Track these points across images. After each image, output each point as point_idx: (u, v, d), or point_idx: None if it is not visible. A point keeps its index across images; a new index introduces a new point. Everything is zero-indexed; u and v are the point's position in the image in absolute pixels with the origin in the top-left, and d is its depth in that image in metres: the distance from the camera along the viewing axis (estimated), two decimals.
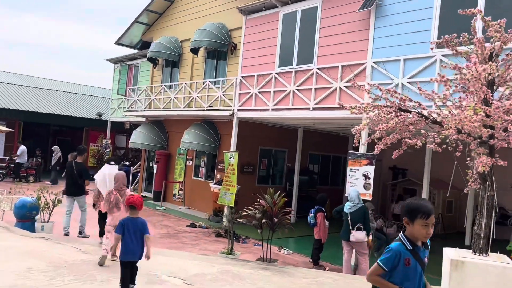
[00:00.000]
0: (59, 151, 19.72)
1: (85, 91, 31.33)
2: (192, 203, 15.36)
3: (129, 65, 21.57)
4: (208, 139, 14.27)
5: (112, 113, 22.85)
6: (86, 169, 9.10)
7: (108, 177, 7.49)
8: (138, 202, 5.28)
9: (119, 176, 6.73)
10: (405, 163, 16.44)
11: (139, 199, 5.33)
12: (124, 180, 6.75)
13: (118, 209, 6.58)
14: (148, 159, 18.41)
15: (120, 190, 6.64)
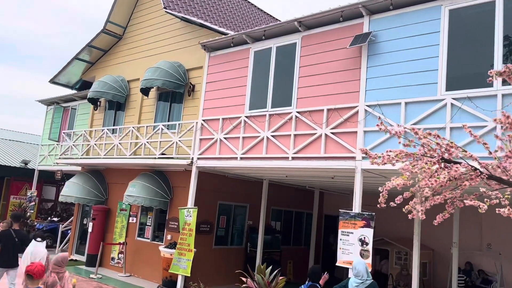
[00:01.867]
0: None
1: (9, 136, 27.82)
2: (135, 269, 12.85)
3: (64, 107, 19.10)
4: (158, 193, 12.15)
5: (40, 160, 19.87)
6: (28, 237, 8.16)
7: (31, 256, 7.07)
8: (37, 271, 4.73)
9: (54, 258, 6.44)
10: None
11: (39, 267, 4.80)
12: (62, 261, 6.40)
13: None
14: (82, 215, 15.68)
15: (58, 273, 6.24)
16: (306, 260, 15.15)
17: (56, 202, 24.66)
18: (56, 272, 6.22)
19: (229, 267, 12.79)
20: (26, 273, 4.76)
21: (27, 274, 4.77)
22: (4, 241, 8.02)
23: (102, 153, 13.60)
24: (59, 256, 6.42)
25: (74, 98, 18.19)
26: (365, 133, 7.76)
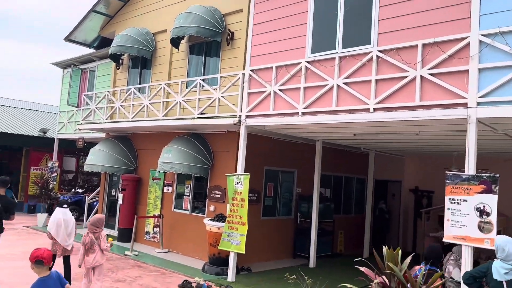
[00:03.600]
0: None
1: (25, 106, 26.48)
2: (174, 244, 11.50)
3: (82, 70, 17.48)
4: (197, 158, 10.60)
5: (60, 128, 18.48)
6: (14, 203, 7.99)
7: (64, 223, 7.25)
8: (47, 255, 4.24)
9: (90, 219, 6.72)
10: (430, 183, 13.56)
11: (47, 251, 4.29)
12: (95, 222, 6.62)
13: (93, 251, 6.53)
14: (109, 186, 14.32)
15: (94, 232, 6.59)
16: (357, 230, 13.65)
17: (77, 173, 23.53)
18: (92, 232, 6.56)
19: (279, 240, 11.36)
20: (35, 259, 4.18)
21: (36, 261, 4.17)
22: None
23: (130, 115, 12.01)
24: (95, 217, 6.68)
25: (92, 58, 16.52)
26: (480, 72, 5.95)
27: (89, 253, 6.48)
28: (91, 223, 6.60)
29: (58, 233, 7.20)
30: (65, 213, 7.36)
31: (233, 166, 10.25)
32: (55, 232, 7.20)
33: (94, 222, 6.59)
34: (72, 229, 7.36)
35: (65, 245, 7.25)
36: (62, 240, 7.21)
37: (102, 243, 6.54)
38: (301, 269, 10.41)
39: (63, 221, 7.24)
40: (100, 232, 6.58)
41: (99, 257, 6.52)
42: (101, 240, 6.53)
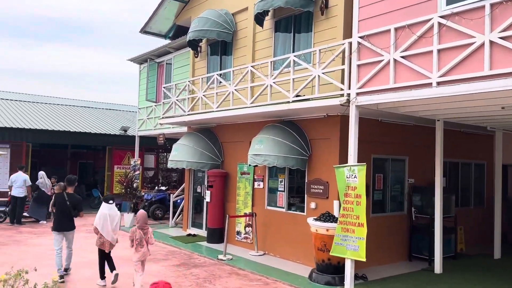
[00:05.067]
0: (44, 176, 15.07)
1: (107, 107, 26.96)
2: (269, 246, 10.27)
3: (158, 63, 16.89)
4: (293, 148, 9.22)
5: (140, 126, 18.14)
6: (81, 200, 8.45)
7: (109, 218, 7.48)
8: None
9: (139, 217, 6.97)
10: None
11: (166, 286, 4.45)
12: (145, 219, 6.98)
13: (142, 246, 6.88)
14: (194, 182, 13.47)
15: (143, 229, 6.92)
16: (478, 225, 11.54)
17: (157, 170, 23.37)
18: (141, 229, 6.94)
19: (391, 240, 9.68)
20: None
21: None
22: (57, 204, 8.10)
23: (214, 105, 10.93)
24: (143, 215, 7.01)
25: (168, 50, 15.81)
26: None
27: (138, 247, 6.89)
28: (142, 221, 6.95)
29: (104, 228, 7.47)
30: (111, 208, 7.59)
31: (336, 156, 8.75)
32: (101, 227, 7.46)
33: (144, 220, 6.97)
34: (117, 224, 7.60)
35: (111, 240, 7.52)
36: (107, 234, 7.48)
37: (151, 239, 7.02)
38: (426, 275, 8.67)
39: (109, 216, 7.48)
40: (148, 229, 7.03)
41: (146, 251, 6.99)
42: (149, 237, 6.98)
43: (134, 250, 6.90)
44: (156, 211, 15.93)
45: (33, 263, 8.98)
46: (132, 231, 6.96)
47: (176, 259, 9.69)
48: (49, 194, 14.54)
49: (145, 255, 6.96)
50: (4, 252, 9.90)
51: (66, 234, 8.12)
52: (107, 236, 7.47)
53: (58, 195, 8.28)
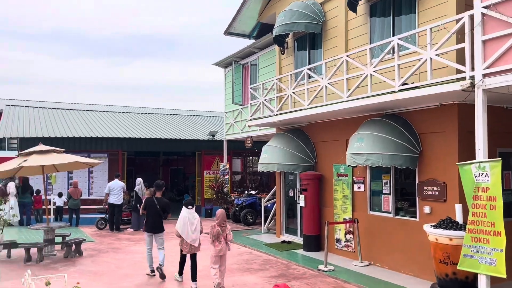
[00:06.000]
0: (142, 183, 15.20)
1: (194, 113, 27.54)
2: (375, 255, 9.19)
3: (243, 65, 16.57)
4: (400, 145, 8.09)
5: (227, 130, 17.98)
6: (169, 204, 8.97)
7: (189, 222, 7.82)
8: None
9: (219, 214, 7.52)
10: None
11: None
12: (224, 217, 7.50)
13: (220, 242, 7.36)
14: (285, 185, 12.79)
15: (221, 226, 7.43)
16: None
17: (244, 174, 23.16)
18: (220, 226, 7.39)
19: None
20: None
21: None
22: (148, 207, 8.67)
23: (305, 102, 10.14)
24: (222, 213, 7.51)
25: (252, 50, 15.39)
26: None
27: (216, 242, 7.36)
28: (221, 218, 7.46)
29: (184, 231, 7.78)
30: (190, 212, 7.91)
31: (454, 152, 7.47)
32: (181, 230, 7.80)
33: (223, 217, 7.49)
34: (197, 227, 7.84)
35: (190, 241, 7.75)
36: (186, 236, 7.76)
37: (229, 236, 7.50)
38: None
39: (188, 219, 7.81)
40: (226, 226, 7.50)
41: (224, 247, 7.41)
42: (227, 233, 7.46)
43: (212, 245, 7.42)
44: (247, 216, 15.54)
45: (131, 272, 8.92)
46: (212, 226, 7.46)
47: (273, 270, 9.03)
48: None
49: (223, 251, 7.39)
50: (104, 260, 10.03)
51: (156, 235, 8.68)
52: (187, 238, 7.78)
53: (149, 199, 8.89)
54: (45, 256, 10.15)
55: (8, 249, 10.40)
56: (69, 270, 9.02)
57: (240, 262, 9.80)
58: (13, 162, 10.54)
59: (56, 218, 15.54)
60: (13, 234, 12.96)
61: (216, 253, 7.36)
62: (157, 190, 8.94)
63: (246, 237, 12.84)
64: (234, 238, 12.39)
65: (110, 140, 17.71)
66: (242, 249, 11.34)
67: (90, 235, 13.54)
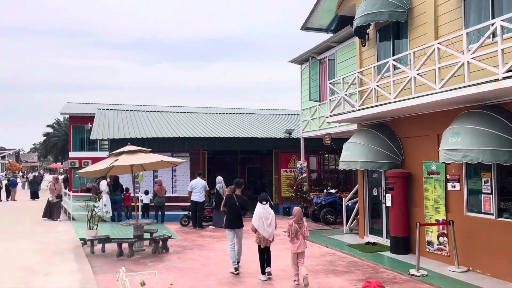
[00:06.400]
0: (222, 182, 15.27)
1: (270, 112, 27.62)
2: (473, 260, 8.37)
3: (320, 60, 16.16)
4: (505, 139, 7.25)
5: (304, 127, 17.68)
6: (248, 201, 9.21)
7: (263, 216, 8.12)
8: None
9: (296, 212, 7.96)
10: None
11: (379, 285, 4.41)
12: (301, 215, 7.90)
13: (298, 239, 7.71)
14: (368, 184, 12.21)
15: (298, 223, 7.78)
16: None
17: (320, 172, 22.69)
18: (297, 223, 7.79)
19: None
20: None
21: None
22: (228, 204, 9.01)
23: (391, 96, 9.54)
24: (299, 210, 7.99)
25: (330, 45, 14.94)
26: None
27: (294, 239, 7.72)
28: (298, 215, 7.84)
29: (259, 225, 8.09)
30: (265, 207, 8.20)
31: None
32: (257, 225, 8.10)
33: (300, 215, 7.86)
34: (271, 222, 8.13)
35: (266, 236, 8.05)
36: (262, 231, 8.06)
37: (306, 232, 7.82)
38: None
39: (262, 214, 8.11)
40: (303, 223, 7.82)
41: (303, 243, 7.76)
42: (304, 230, 7.78)
43: (290, 242, 7.79)
44: (327, 215, 15.12)
45: (215, 269, 9.02)
46: (289, 224, 7.84)
47: (360, 272, 8.61)
48: None
49: (301, 247, 7.72)
50: (189, 257, 10.27)
51: (236, 231, 8.92)
52: (262, 232, 8.06)
53: (229, 196, 9.21)
54: (135, 251, 10.63)
55: (102, 243, 11.06)
56: (158, 266, 9.35)
57: (324, 263, 9.48)
58: (105, 162, 11.20)
59: (144, 215, 16.35)
60: (106, 229, 13.80)
61: (295, 250, 7.71)
62: (236, 187, 9.23)
63: (327, 237, 12.46)
64: (315, 238, 12.14)
65: (191, 140, 18.27)
66: (324, 250, 11.00)
67: (175, 232, 14.02)
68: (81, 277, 8.35)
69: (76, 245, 11.72)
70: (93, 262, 9.66)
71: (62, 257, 10.19)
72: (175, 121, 22.05)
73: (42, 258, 10.05)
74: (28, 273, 8.69)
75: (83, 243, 11.83)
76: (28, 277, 8.35)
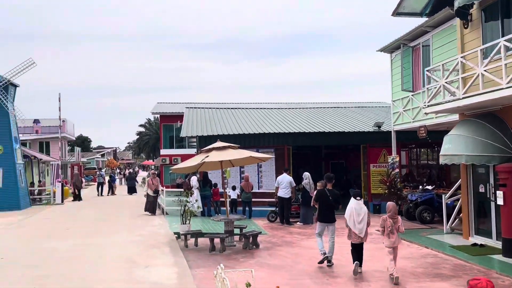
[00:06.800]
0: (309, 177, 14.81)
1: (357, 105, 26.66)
2: None
3: (413, 47, 15.08)
4: None
5: (395, 119, 16.66)
6: (339, 195, 9.21)
7: (355, 212, 8.06)
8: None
9: (390, 207, 7.82)
10: None
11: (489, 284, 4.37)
12: (395, 210, 7.82)
13: (393, 234, 7.62)
14: (473, 180, 11.09)
15: (393, 218, 7.70)
16: None
17: (410, 167, 21.34)
18: (391, 218, 7.70)
19: None
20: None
21: None
22: (320, 199, 9.01)
23: (503, 81, 8.49)
24: (393, 206, 7.85)
25: (424, 30, 13.83)
26: None
27: (390, 234, 7.63)
28: (392, 210, 7.74)
29: (350, 221, 8.07)
30: (358, 203, 8.17)
31: None
32: (348, 220, 8.10)
33: (394, 210, 7.77)
34: (363, 218, 8.02)
35: (357, 232, 7.99)
36: (353, 226, 8.02)
37: (401, 227, 7.73)
38: None
39: (355, 209, 8.06)
40: (398, 218, 7.76)
41: (398, 239, 7.73)
42: (399, 225, 7.70)
43: (385, 237, 7.69)
44: (423, 213, 14.09)
45: (307, 267, 8.75)
46: (383, 219, 7.75)
47: (469, 277, 7.75)
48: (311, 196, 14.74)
49: (396, 242, 7.65)
50: (280, 254, 10.13)
51: (328, 225, 8.95)
52: (353, 228, 8.04)
53: (320, 191, 9.21)
54: (226, 246, 10.74)
55: (195, 238, 11.36)
56: (249, 262, 9.33)
57: (426, 265, 8.76)
58: (196, 158, 11.48)
59: (232, 210, 16.61)
60: (198, 223, 14.23)
61: (390, 245, 7.62)
62: (328, 182, 9.26)
63: (426, 237, 11.57)
64: (412, 238, 11.37)
65: (276, 136, 18.19)
66: (424, 251, 10.20)
67: (263, 228, 14.01)
68: (178, 270, 8.59)
69: (170, 239, 12.20)
70: (188, 256, 9.92)
71: (159, 250, 10.62)
72: (260, 117, 22.15)
73: (142, 250, 10.57)
74: (131, 264, 9.16)
75: (177, 237, 12.27)
76: (131, 268, 8.79)
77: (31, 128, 38.19)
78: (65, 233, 13.58)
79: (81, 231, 13.83)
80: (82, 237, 12.67)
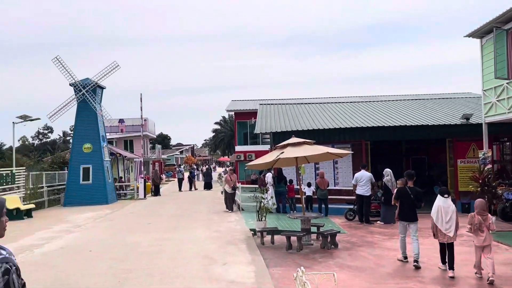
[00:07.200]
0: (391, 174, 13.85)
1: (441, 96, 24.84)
2: None
3: (507, 31, 13.57)
4: None
5: (487, 111, 15.17)
6: (421, 193, 8.75)
7: (443, 210, 7.73)
8: None
9: (478, 203, 7.48)
10: None
11: None
12: (483, 206, 7.43)
13: (482, 231, 7.25)
14: None
15: (482, 215, 7.31)
16: None
17: (502, 163, 19.33)
18: (480, 215, 7.34)
19: None
20: None
21: None
22: (401, 197, 8.74)
23: None
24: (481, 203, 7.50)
25: None
26: None
27: (478, 232, 7.27)
28: (480, 207, 7.38)
29: (438, 219, 7.75)
30: (445, 201, 7.80)
31: None
32: (435, 218, 7.78)
33: (482, 206, 7.40)
34: (451, 217, 7.67)
35: (444, 231, 7.66)
36: (440, 225, 7.71)
37: (492, 225, 7.34)
38: None
39: (442, 208, 7.73)
40: (487, 215, 7.34)
41: (488, 236, 7.28)
42: (490, 223, 7.30)
43: (474, 235, 7.37)
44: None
45: (392, 271, 8.15)
46: (471, 216, 7.46)
47: None
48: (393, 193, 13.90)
49: (487, 240, 7.26)
50: (361, 255, 9.59)
51: (409, 224, 8.65)
52: (440, 227, 7.73)
53: (401, 189, 8.95)
54: (303, 245, 10.43)
55: (271, 235, 11.19)
56: (328, 262, 8.93)
57: None
58: (272, 154, 11.28)
59: (307, 207, 16.23)
60: (273, 220, 14.07)
61: (480, 243, 7.28)
62: (408, 179, 8.97)
63: None
64: (510, 242, 10.19)
65: (352, 130, 17.48)
66: None
67: (341, 226, 13.47)
68: (255, 268, 8.45)
69: (247, 236, 12.15)
70: (265, 254, 9.76)
71: (236, 247, 10.59)
72: (335, 111, 21.48)
73: (219, 247, 10.61)
74: (208, 260, 9.20)
75: (253, 233, 12.19)
76: (209, 265, 8.81)
77: (116, 128, 40.83)
78: (147, 227, 14.13)
79: (161, 226, 14.32)
80: (162, 232, 13.09)
